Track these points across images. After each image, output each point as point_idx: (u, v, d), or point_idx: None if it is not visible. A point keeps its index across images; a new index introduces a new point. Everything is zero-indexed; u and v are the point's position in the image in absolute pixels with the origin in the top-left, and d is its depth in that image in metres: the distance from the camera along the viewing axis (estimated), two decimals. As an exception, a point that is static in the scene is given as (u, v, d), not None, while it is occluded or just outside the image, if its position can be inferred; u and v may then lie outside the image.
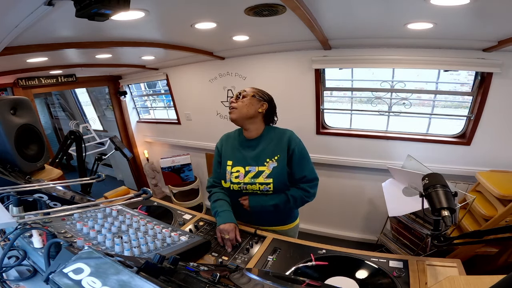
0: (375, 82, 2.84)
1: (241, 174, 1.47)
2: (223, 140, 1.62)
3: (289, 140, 1.46)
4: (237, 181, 1.48)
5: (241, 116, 1.46)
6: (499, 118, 2.36)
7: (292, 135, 1.49)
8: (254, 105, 1.47)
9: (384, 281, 1.03)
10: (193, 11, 1.74)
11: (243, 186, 1.48)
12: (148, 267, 0.56)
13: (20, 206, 0.97)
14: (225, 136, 1.63)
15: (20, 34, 1.63)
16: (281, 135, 1.49)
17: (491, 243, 2.00)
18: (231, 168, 1.50)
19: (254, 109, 1.47)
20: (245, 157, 1.49)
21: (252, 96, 1.47)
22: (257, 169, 1.45)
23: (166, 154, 4.38)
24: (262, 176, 1.44)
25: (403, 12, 1.72)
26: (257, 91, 1.52)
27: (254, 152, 1.49)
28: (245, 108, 1.45)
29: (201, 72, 3.57)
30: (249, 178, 1.46)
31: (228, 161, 1.52)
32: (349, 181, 3.13)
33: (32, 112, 1.91)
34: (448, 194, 0.97)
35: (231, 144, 1.56)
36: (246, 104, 1.46)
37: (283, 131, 1.52)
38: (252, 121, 1.48)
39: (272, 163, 1.44)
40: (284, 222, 1.61)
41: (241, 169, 1.48)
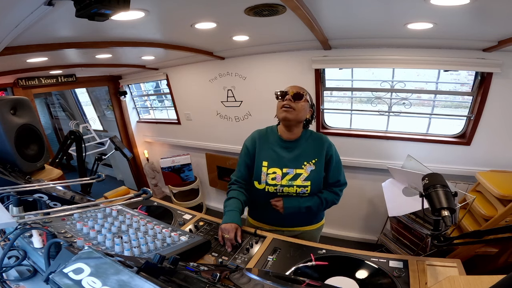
0: (375, 82, 2.84)
1: (278, 176, 1.45)
2: (256, 139, 1.54)
3: (328, 146, 1.48)
4: (274, 183, 1.46)
5: (296, 118, 1.42)
6: (499, 118, 2.36)
7: (329, 141, 1.51)
8: (307, 110, 1.46)
9: (384, 281, 1.03)
10: (193, 11, 1.74)
11: (279, 188, 1.46)
12: (148, 267, 0.56)
13: (20, 206, 0.97)
14: (258, 135, 1.55)
15: (20, 34, 1.63)
16: (319, 139, 1.50)
17: (491, 243, 2.00)
18: (267, 169, 1.47)
19: (306, 114, 1.46)
20: (283, 158, 1.46)
21: (308, 101, 1.45)
22: (295, 171, 1.44)
23: (166, 154, 4.38)
24: (300, 179, 1.44)
25: (403, 12, 1.72)
26: (310, 96, 1.49)
27: (292, 154, 1.47)
28: (302, 111, 1.42)
29: (201, 72, 3.57)
30: (287, 181, 1.45)
31: (263, 161, 1.48)
32: (349, 181, 3.07)
33: (32, 112, 1.91)
34: (448, 194, 0.98)
35: (266, 144, 1.51)
36: (304, 108, 1.43)
37: (319, 135, 1.53)
38: (299, 124, 1.47)
39: (309, 166, 1.44)
40: (312, 222, 1.62)
41: (278, 171, 1.46)
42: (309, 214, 1.53)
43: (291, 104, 1.39)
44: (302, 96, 1.41)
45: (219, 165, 3.93)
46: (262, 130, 1.58)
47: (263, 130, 1.58)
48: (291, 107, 1.39)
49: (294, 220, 1.54)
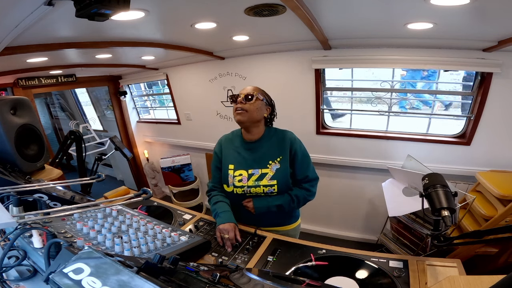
0: (375, 82, 2.84)
1: (244, 177, 1.46)
2: (222, 144, 1.58)
3: (291, 141, 1.47)
4: (241, 184, 1.47)
5: (250, 119, 1.43)
6: (499, 118, 2.36)
7: (293, 136, 1.50)
8: (262, 109, 1.46)
9: (384, 281, 1.03)
10: (193, 11, 1.74)
11: (246, 189, 1.47)
12: (148, 267, 0.56)
13: (20, 206, 0.97)
14: (223, 140, 1.60)
15: (20, 34, 1.62)
16: (282, 136, 1.49)
17: (491, 243, 2.00)
18: (233, 172, 1.49)
19: (261, 113, 1.46)
20: (247, 160, 1.48)
21: (261, 100, 1.45)
22: (260, 171, 1.45)
23: (166, 154, 4.38)
24: (266, 179, 1.44)
25: (403, 12, 1.72)
26: (264, 93, 1.50)
27: (256, 155, 1.48)
28: (255, 112, 1.43)
29: (201, 72, 3.57)
30: (253, 181, 1.45)
31: (229, 165, 1.50)
32: (349, 181, 3.12)
33: (32, 112, 1.91)
34: (448, 194, 0.97)
35: (231, 147, 1.54)
36: (256, 107, 1.43)
37: (283, 132, 1.52)
38: (257, 124, 1.48)
39: (275, 165, 1.44)
40: (287, 223, 1.61)
41: (244, 173, 1.47)
42: (282, 213, 1.52)
43: (243, 106, 1.42)
44: (252, 96, 1.42)
45: (219, 165, 3.92)
46: (228, 135, 1.61)
47: (229, 134, 1.61)
48: (243, 109, 1.41)
49: (269, 220, 1.53)
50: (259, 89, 1.49)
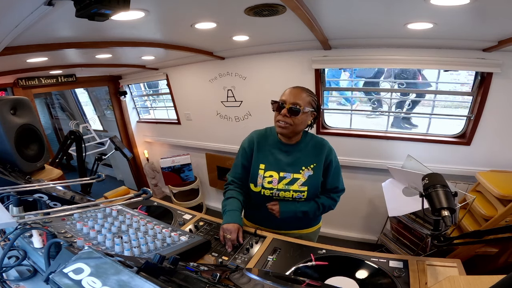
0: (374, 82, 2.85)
1: (275, 179, 1.43)
2: (254, 140, 1.48)
3: (328, 151, 1.44)
4: (270, 186, 1.43)
5: (294, 132, 1.38)
6: (499, 118, 2.36)
7: (330, 146, 1.47)
8: (308, 120, 1.39)
9: (384, 281, 1.03)
10: (193, 11, 1.74)
11: (275, 192, 1.44)
12: (148, 267, 0.56)
13: (20, 206, 0.97)
14: (256, 136, 1.50)
15: (20, 34, 1.62)
16: (319, 144, 1.45)
17: (491, 243, 2.00)
18: (264, 172, 1.44)
19: (304, 124, 1.39)
20: (280, 162, 1.43)
21: (308, 111, 1.35)
22: (292, 176, 1.42)
23: (166, 154, 4.38)
24: (297, 184, 1.41)
25: (403, 12, 1.72)
26: (312, 100, 1.37)
27: (290, 158, 1.43)
28: (300, 126, 1.36)
29: (201, 72, 3.57)
30: (283, 185, 1.42)
31: (260, 164, 1.45)
32: (349, 181, 3.11)
33: (32, 112, 1.91)
34: (448, 194, 0.97)
35: (265, 146, 1.46)
36: (302, 121, 1.35)
37: (320, 140, 1.47)
38: (298, 132, 1.43)
39: (307, 172, 1.41)
40: (308, 226, 1.59)
41: (275, 175, 1.43)
42: (305, 219, 1.50)
43: (287, 120, 1.33)
44: (299, 111, 1.32)
45: (219, 165, 3.93)
46: (260, 131, 1.53)
47: (262, 131, 1.52)
48: (287, 123, 1.34)
49: (290, 223, 1.51)
50: (308, 94, 1.36)
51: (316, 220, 1.63)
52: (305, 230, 1.58)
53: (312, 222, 1.61)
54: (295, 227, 1.55)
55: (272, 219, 1.48)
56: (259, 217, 1.49)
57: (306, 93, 1.37)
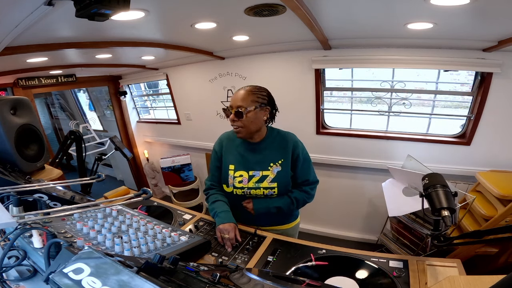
0: (375, 82, 2.84)
1: (245, 178, 1.45)
2: (223, 142, 1.54)
3: (293, 145, 1.45)
4: (241, 185, 1.46)
5: (249, 133, 1.40)
6: (499, 118, 2.36)
7: (295, 139, 1.48)
8: (258, 117, 1.38)
9: (384, 281, 1.03)
10: (193, 11, 1.74)
11: (246, 190, 1.46)
12: (148, 267, 0.56)
13: (20, 206, 0.97)
14: (225, 138, 1.55)
15: (20, 34, 1.62)
16: (285, 139, 1.46)
17: (491, 243, 2.00)
18: (234, 172, 1.47)
19: (259, 121, 1.40)
20: (248, 161, 1.46)
21: (254, 108, 1.35)
22: (261, 173, 1.44)
23: (166, 154, 4.38)
24: (267, 181, 1.43)
25: (403, 12, 1.72)
26: (257, 96, 1.37)
27: (257, 156, 1.46)
28: (252, 125, 1.38)
29: (201, 72, 3.57)
30: (253, 183, 1.44)
31: (230, 165, 1.48)
32: (349, 181, 3.12)
33: (32, 112, 1.91)
34: (448, 194, 0.97)
35: (232, 147, 1.50)
36: (252, 121, 1.36)
37: (285, 134, 1.49)
38: (258, 131, 1.44)
39: (276, 168, 1.43)
40: (285, 222, 1.61)
41: (245, 174, 1.45)
42: (281, 214, 1.52)
43: (236, 123, 1.37)
44: (242, 113, 1.33)
45: (219, 165, 3.92)
46: (228, 133, 1.56)
47: (230, 133, 1.55)
48: (238, 127, 1.38)
49: (268, 220, 1.53)
50: (250, 93, 1.37)
51: (294, 216, 1.64)
52: (283, 226, 1.60)
53: (290, 218, 1.62)
54: (273, 223, 1.56)
55: (249, 217, 1.51)
56: (238, 216, 1.50)
57: (249, 92, 1.37)
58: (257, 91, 1.40)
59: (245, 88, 1.40)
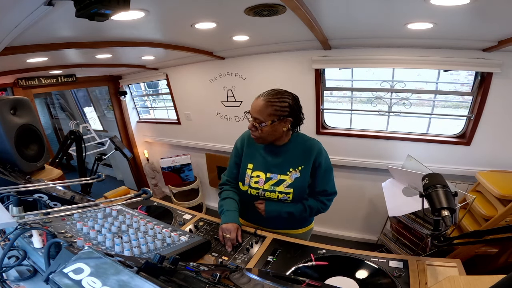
0: (375, 82, 2.84)
1: (261, 180, 1.43)
2: (245, 140, 1.50)
3: (317, 152, 1.41)
4: (256, 186, 1.44)
5: (266, 140, 1.39)
6: (499, 118, 2.36)
7: (320, 147, 1.44)
8: (277, 129, 1.34)
9: (384, 281, 1.03)
10: (193, 11, 1.74)
11: (261, 192, 1.44)
12: (148, 267, 0.56)
13: (20, 206, 0.97)
14: (247, 135, 1.50)
15: (20, 34, 1.62)
16: (309, 146, 1.43)
17: (491, 243, 2.00)
18: (252, 172, 1.45)
19: (278, 132, 1.36)
20: (268, 163, 1.44)
21: (271, 123, 1.30)
22: (279, 177, 1.41)
23: (166, 154, 4.38)
24: (283, 185, 1.41)
25: (403, 12, 1.72)
26: (275, 109, 1.30)
27: (278, 160, 1.43)
28: (269, 136, 1.36)
29: (201, 72, 3.57)
30: (269, 186, 1.42)
31: (249, 163, 1.46)
32: (349, 181, 3.12)
33: (32, 112, 1.91)
34: (448, 194, 0.97)
35: (254, 146, 1.47)
36: (268, 132, 1.33)
37: (311, 141, 1.45)
38: (278, 138, 1.41)
39: (295, 173, 1.40)
40: (298, 226, 1.59)
41: (262, 175, 1.43)
42: (292, 219, 1.49)
43: (255, 134, 1.36)
44: (260, 123, 1.31)
45: (219, 165, 3.92)
46: None
47: None
48: (256, 137, 1.37)
49: (278, 223, 1.51)
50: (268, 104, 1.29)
51: (307, 221, 1.62)
52: (295, 230, 1.57)
53: (303, 223, 1.60)
54: (283, 227, 1.53)
55: (259, 217, 1.49)
56: (248, 215, 1.50)
57: (268, 103, 1.30)
58: (277, 101, 1.31)
59: (265, 98, 1.31)
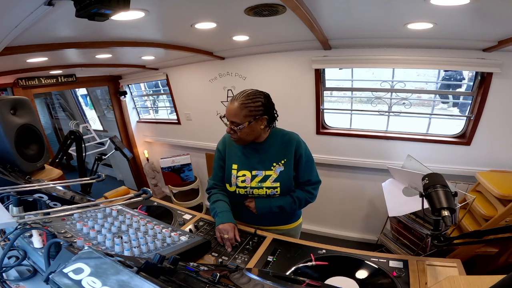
0: (375, 82, 2.84)
1: (248, 178, 1.46)
2: (226, 142, 1.54)
3: (296, 145, 1.44)
4: (244, 185, 1.46)
5: (246, 141, 1.42)
6: (499, 118, 2.36)
7: (299, 139, 1.47)
8: (255, 128, 1.38)
9: (384, 281, 1.03)
10: (193, 11, 1.74)
11: (249, 190, 1.46)
12: (148, 267, 0.56)
13: (20, 206, 0.97)
14: (227, 137, 1.54)
15: (20, 34, 1.62)
16: (288, 139, 1.46)
17: (491, 243, 2.00)
18: (237, 172, 1.47)
19: (256, 131, 1.40)
20: (251, 161, 1.47)
21: (248, 124, 1.33)
22: (264, 173, 1.44)
23: (166, 154, 4.38)
24: (269, 181, 1.43)
25: (403, 12, 1.72)
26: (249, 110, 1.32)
27: (260, 156, 1.46)
28: (248, 136, 1.39)
29: (201, 72, 3.57)
30: (256, 183, 1.45)
31: (233, 164, 1.49)
32: (349, 181, 3.12)
33: (32, 112, 1.91)
34: (448, 194, 0.97)
35: (236, 147, 1.50)
36: (248, 133, 1.37)
37: (289, 134, 1.49)
38: (257, 137, 1.44)
39: (279, 167, 1.43)
40: (287, 222, 1.61)
41: (247, 173, 1.46)
42: (284, 213, 1.52)
43: (234, 136, 1.39)
44: (238, 125, 1.34)
45: (219, 165, 3.92)
46: None
47: None
48: (235, 138, 1.39)
49: (269, 219, 1.53)
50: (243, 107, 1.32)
51: (296, 216, 1.64)
52: (285, 226, 1.60)
53: (292, 218, 1.62)
54: (275, 223, 1.56)
55: (251, 216, 1.51)
56: (240, 215, 1.51)
57: (242, 106, 1.32)
58: (251, 102, 1.33)
59: (238, 101, 1.33)
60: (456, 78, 2.87)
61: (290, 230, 1.60)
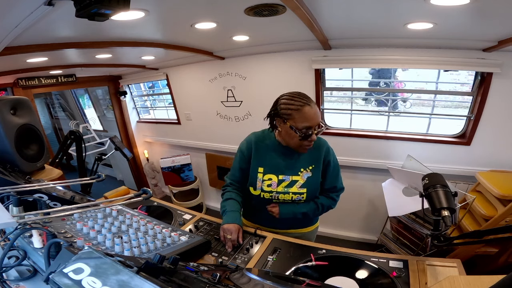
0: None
1: (274, 182, 1.42)
2: (252, 143, 1.46)
3: (326, 151, 1.43)
4: (269, 189, 1.43)
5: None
6: (499, 118, 2.36)
7: (328, 146, 1.46)
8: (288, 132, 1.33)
9: (384, 281, 1.03)
10: (193, 11, 1.74)
11: (275, 195, 1.43)
12: (148, 267, 0.56)
13: (20, 206, 0.97)
14: (254, 138, 1.47)
15: (20, 34, 1.62)
16: (317, 145, 1.41)
17: (491, 243, 2.00)
18: (263, 175, 1.43)
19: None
20: (279, 165, 1.42)
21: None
22: (291, 178, 1.41)
23: (166, 154, 4.38)
24: (296, 186, 1.41)
25: (403, 12, 1.72)
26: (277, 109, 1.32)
27: (288, 161, 1.42)
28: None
29: (201, 72, 3.57)
30: (283, 188, 1.42)
31: (259, 167, 1.44)
32: (349, 181, 3.11)
33: (32, 112, 1.91)
34: (448, 194, 0.97)
35: (263, 149, 1.44)
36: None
37: (319, 140, 1.42)
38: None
39: (306, 173, 1.41)
40: (306, 225, 1.59)
41: (274, 178, 1.42)
42: (304, 219, 1.51)
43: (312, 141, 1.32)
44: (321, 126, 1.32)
45: (219, 165, 3.93)
46: (258, 134, 1.50)
47: (259, 134, 1.50)
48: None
49: (288, 223, 1.52)
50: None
51: (314, 220, 1.63)
52: (303, 229, 1.58)
53: (310, 222, 1.61)
54: (293, 226, 1.55)
55: (271, 220, 1.49)
56: (258, 218, 1.49)
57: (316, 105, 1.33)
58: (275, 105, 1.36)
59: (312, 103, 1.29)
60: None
61: (306, 233, 1.59)
